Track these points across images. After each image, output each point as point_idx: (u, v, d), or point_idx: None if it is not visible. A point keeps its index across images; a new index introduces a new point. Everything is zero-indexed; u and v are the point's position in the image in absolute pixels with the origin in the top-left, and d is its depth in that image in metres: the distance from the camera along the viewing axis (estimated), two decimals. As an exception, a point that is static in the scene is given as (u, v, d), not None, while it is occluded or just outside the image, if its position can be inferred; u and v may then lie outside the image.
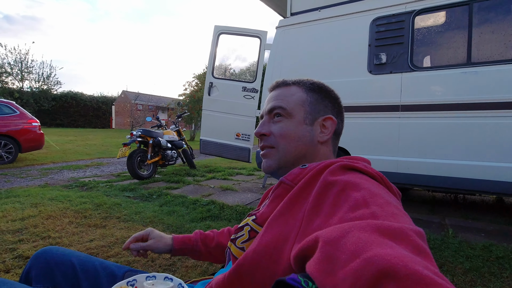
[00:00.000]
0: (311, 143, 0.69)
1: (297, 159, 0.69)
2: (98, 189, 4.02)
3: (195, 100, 15.23)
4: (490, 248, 2.16)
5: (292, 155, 0.69)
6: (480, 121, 2.55)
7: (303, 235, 0.47)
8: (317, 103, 0.71)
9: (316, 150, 0.70)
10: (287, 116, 0.70)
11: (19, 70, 22.91)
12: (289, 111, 0.69)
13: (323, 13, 3.36)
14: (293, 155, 0.69)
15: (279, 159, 0.70)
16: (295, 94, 0.71)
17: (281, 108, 0.70)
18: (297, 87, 0.73)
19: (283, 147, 0.69)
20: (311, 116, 0.70)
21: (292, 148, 0.68)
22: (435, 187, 2.86)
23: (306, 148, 0.69)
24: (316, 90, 0.72)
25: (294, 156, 0.69)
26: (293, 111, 0.70)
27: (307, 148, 0.69)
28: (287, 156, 0.69)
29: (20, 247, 2.06)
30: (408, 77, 2.84)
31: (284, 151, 0.69)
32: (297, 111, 0.70)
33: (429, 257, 0.35)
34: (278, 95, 0.73)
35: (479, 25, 2.61)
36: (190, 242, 0.91)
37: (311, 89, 0.72)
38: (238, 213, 2.99)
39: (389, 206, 0.44)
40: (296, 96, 0.71)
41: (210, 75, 4.16)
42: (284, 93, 0.72)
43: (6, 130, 6.13)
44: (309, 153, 0.69)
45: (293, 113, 0.69)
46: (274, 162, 0.70)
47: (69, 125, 26.07)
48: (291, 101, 0.70)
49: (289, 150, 0.68)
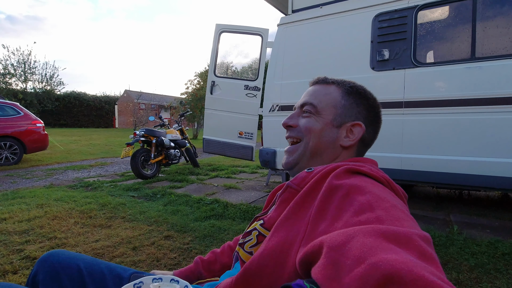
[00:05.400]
0: (332, 145, 0.69)
1: (316, 157, 0.69)
2: (103, 189, 4.05)
3: (197, 99, 15.25)
4: (496, 244, 2.15)
5: (312, 151, 0.69)
6: (485, 117, 2.53)
7: (309, 239, 0.47)
8: (350, 107, 0.69)
9: (336, 153, 0.69)
10: (316, 114, 0.70)
11: (22, 71, 23.08)
12: (319, 110, 0.70)
13: (325, 10, 3.34)
14: (313, 152, 0.69)
15: (299, 154, 0.70)
16: (331, 94, 0.71)
17: (311, 105, 0.70)
18: (336, 87, 0.72)
19: (306, 140, 0.70)
20: (340, 119, 0.69)
21: (314, 144, 0.69)
22: (440, 184, 2.84)
23: (326, 149, 0.69)
24: (353, 95, 0.71)
25: (314, 153, 0.69)
26: (323, 110, 0.70)
27: (328, 149, 0.69)
28: (307, 152, 0.69)
29: (27, 248, 2.08)
30: (411, 73, 2.81)
31: (307, 146, 0.69)
32: (327, 111, 0.69)
33: (435, 262, 0.35)
34: (314, 92, 0.73)
35: (484, 19, 2.58)
36: (193, 275, 0.88)
37: (349, 92, 0.71)
38: (242, 211, 3.00)
39: (395, 210, 0.44)
40: (331, 96, 0.71)
41: (212, 73, 4.16)
42: (320, 90, 0.72)
43: (11, 132, 6.19)
44: (329, 155, 0.69)
45: (322, 113, 0.69)
46: (294, 158, 0.71)
47: (72, 125, 26.25)
48: (323, 100, 0.70)
49: (311, 146, 0.69)
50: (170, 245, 2.20)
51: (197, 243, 2.25)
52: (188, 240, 2.30)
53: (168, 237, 2.36)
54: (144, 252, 2.08)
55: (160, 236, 2.36)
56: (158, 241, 2.27)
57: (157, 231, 2.47)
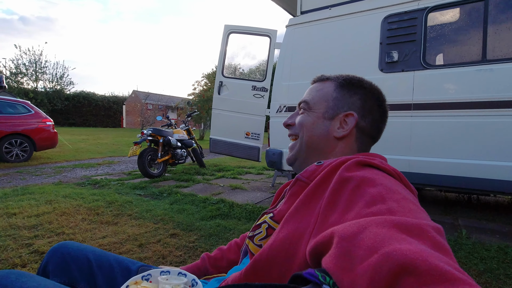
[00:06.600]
0: (326, 137, 0.70)
1: (312, 151, 0.71)
2: (110, 187, 4.09)
3: (204, 100, 15.30)
4: (506, 249, 2.11)
5: (307, 145, 0.71)
6: (495, 120, 2.49)
7: (319, 230, 0.47)
8: (343, 98, 0.70)
9: (332, 145, 0.70)
10: (308, 110, 0.73)
11: (34, 71, 23.47)
12: (311, 105, 0.72)
13: (334, 11, 3.33)
14: (308, 146, 0.71)
15: (297, 150, 0.73)
16: (324, 89, 0.73)
17: (305, 102, 0.74)
18: (331, 82, 0.73)
19: (301, 135, 0.72)
20: (333, 111, 0.70)
21: (307, 138, 0.71)
22: (448, 187, 2.80)
23: (320, 141, 0.70)
24: (346, 86, 0.71)
25: (309, 147, 0.71)
26: (315, 105, 0.72)
27: (322, 142, 0.70)
28: (303, 147, 0.72)
29: (36, 243, 2.11)
30: (421, 75, 2.79)
31: (301, 141, 0.72)
32: (318, 106, 0.72)
33: (449, 253, 0.34)
34: (310, 89, 0.76)
35: (495, 21, 2.54)
36: (199, 271, 0.88)
37: (342, 85, 0.72)
38: (248, 211, 3.00)
39: (406, 202, 0.43)
40: (323, 91, 0.73)
41: (220, 74, 4.17)
42: (316, 87, 0.75)
43: (21, 129, 6.29)
44: (324, 147, 0.70)
45: (314, 107, 0.72)
46: (293, 153, 0.74)
47: (81, 125, 26.58)
48: (316, 96, 0.73)
49: (305, 140, 0.71)
50: (175, 243, 2.20)
51: (202, 241, 2.25)
52: (193, 238, 2.31)
53: (174, 235, 2.37)
54: (150, 249, 2.09)
55: (166, 234, 2.38)
56: (164, 239, 2.28)
57: (163, 229, 2.48)
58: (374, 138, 0.73)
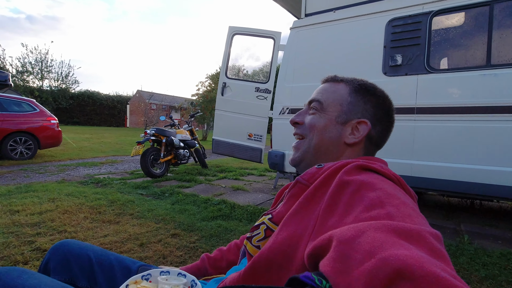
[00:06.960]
0: (337, 142, 0.69)
1: (320, 154, 0.70)
2: (112, 186, 4.11)
3: (208, 100, 15.37)
4: (508, 256, 2.09)
5: (316, 148, 0.70)
6: (499, 125, 2.47)
7: (318, 233, 0.47)
8: (357, 105, 0.69)
9: (341, 150, 0.69)
10: (321, 111, 0.70)
11: (40, 69, 23.63)
12: (324, 106, 0.70)
13: (338, 14, 3.34)
14: (316, 149, 0.70)
15: (304, 151, 0.71)
16: (338, 91, 0.71)
17: (318, 102, 0.71)
18: (345, 85, 0.72)
19: (310, 138, 0.70)
20: (346, 116, 0.69)
21: (316, 141, 0.69)
22: (451, 192, 2.78)
23: (330, 146, 0.69)
24: (361, 92, 0.70)
25: (317, 150, 0.70)
26: (329, 107, 0.70)
27: (331, 146, 0.69)
28: (311, 149, 0.70)
29: (38, 240, 2.12)
30: (424, 79, 2.78)
31: (310, 142, 0.70)
32: (332, 108, 0.70)
33: (446, 259, 0.34)
34: (322, 89, 0.74)
35: (500, 26, 2.53)
36: (199, 272, 0.88)
37: (357, 90, 0.70)
38: (249, 213, 3.00)
39: (405, 207, 0.43)
40: (338, 93, 0.71)
41: (224, 75, 4.19)
42: (329, 88, 0.73)
43: (26, 127, 6.35)
44: (332, 152, 0.69)
45: (328, 109, 0.70)
46: (299, 155, 0.72)
47: (85, 123, 26.72)
48: (330, 97, 0.71)
49: (314, 143, 0.69)
50: (176, 243, 2.21)
51: (203, 242, 2.26)
52: (194, 239, 2.31)
53: (175, 235, 2.38)
54: (151, 249, 2.10)
55: (167, 234, 2.38)
56: (165, 238, 2.29)
57: (164, 229, 2.49)
58: (379, 146, 0.73)
